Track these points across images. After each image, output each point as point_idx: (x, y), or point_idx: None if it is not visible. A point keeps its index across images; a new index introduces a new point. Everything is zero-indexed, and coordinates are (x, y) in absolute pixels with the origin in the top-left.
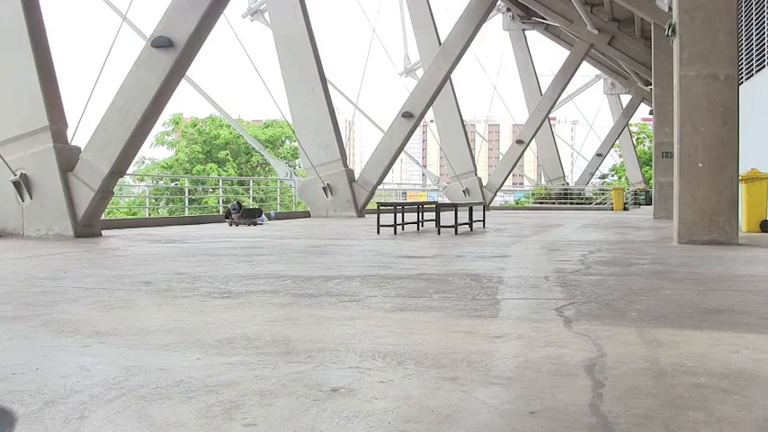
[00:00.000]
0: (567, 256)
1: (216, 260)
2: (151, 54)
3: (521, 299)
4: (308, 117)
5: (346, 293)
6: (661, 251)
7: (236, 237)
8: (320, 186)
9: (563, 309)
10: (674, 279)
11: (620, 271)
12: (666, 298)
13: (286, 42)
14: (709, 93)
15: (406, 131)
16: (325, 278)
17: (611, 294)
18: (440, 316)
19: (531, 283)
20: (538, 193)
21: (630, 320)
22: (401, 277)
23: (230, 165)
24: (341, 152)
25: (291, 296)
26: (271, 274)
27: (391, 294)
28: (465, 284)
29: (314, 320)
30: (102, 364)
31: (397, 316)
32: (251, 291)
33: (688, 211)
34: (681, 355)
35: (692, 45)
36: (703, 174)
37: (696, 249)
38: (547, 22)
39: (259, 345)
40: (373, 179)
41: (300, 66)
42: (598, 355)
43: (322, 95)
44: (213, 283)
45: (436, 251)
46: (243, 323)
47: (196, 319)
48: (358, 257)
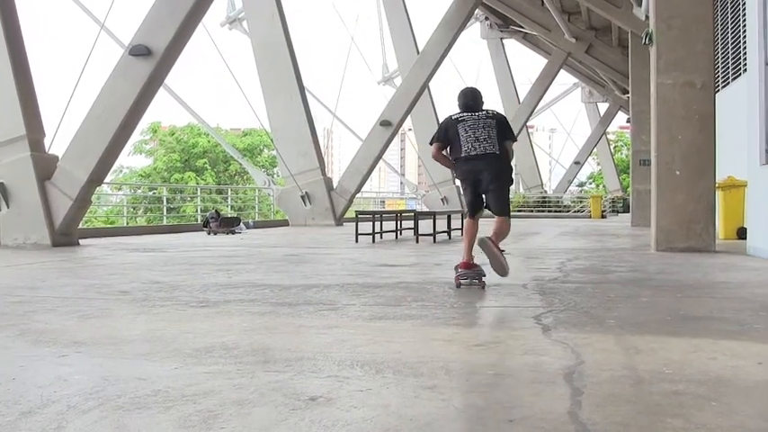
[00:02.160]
0: (545, 263)
1: (194, 269)
2: (129, 62)
3: (499, 307)
4: (286, 125)
5: (325, 302)
6: (639, 258)
7: (214, 245)
8: (299, 195)
9: (541, 316)
10: (652, 286)
11: (598, 278)
12: (644, 305)
13: (264, 51)
14: (685, 101)
15: (385, 140)
16: (304, 287)
17: (589, 302)
18: (418, 324)
19: (510, 290)
20: (516, 201)
21: (609, 328)
22: (379, 286)
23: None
24: (319, 160)
25: (270, 305)
26: (249, 282)
27: (370, 303)
28: (443, 293)
29: (292, 329)
30: (80, 374)
31: (375, 324)
32: (229, 300)
33: (665, 218)
34: (659, 362)
35: (669, 53)
36: (680, 181)
37: (674, 256)
38: (525, 31)
39: (237, 354)
40: (352, 187)
41: (279, 74)
42: (576, 362)
43: (300, 104)
44: (191, 292)
45: (415, 259)
46: (221, 332)
47: (174, 328)
48: (336, 266)
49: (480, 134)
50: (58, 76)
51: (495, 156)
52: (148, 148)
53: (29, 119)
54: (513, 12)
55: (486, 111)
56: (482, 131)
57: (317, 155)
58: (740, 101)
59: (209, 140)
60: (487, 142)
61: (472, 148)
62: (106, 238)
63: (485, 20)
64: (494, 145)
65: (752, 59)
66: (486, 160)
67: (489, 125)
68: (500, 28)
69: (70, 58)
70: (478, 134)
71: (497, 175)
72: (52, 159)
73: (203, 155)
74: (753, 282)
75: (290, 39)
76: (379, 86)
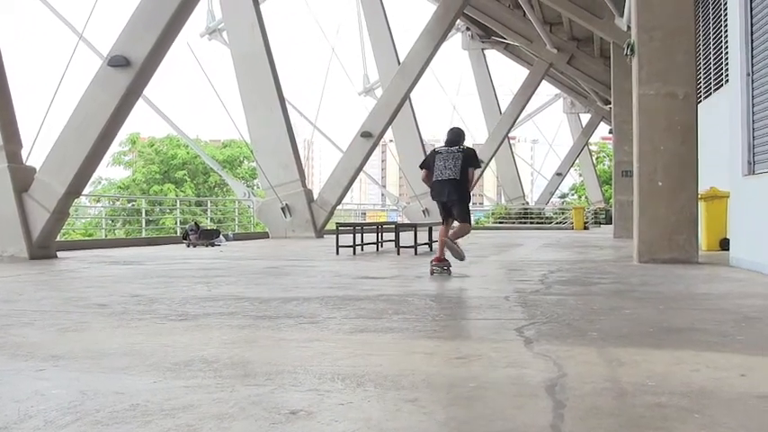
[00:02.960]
0: (527, 275)
1: (173, 282)
2: (108, 73)
3: (481, 319)
4: (266, 137)
5: (305, 315)
6: (621, 270)
7: (193, 258)
8: (279, 207)
9: (523, 329)
10: (635, 298)
11: (580, 290)
12: (627, 317)
13: (244, 61)
14: (668, 111)
15: (366, 151)
16: (284, 300)
17: (571, 314)
18: (399, 337)
19: (492, 303)
20: (498, 212)
21: (591, 340)
22: (360, 298)
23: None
24: (299, 172)
25: (250, 318)
26: (229, 295)
27: (350, 316)
28: (425, 305)
29: (272, 342)
30: (58, 389)
31: (356, 337)
32: (208, 313)
33: (648, 229)
34: (641, 374)
35: (651, 64)
36: (663, 192)
37: (656, 268)
38: (506, 42)
39: (217, 367)
40: (332, 199)
41: (259, 85)
42: (559, 375)
43: (280, 115)
44: (170, 305)
45: (396, 272)
46: (200, 346)
47: (153, 341)
48: (317, 278)
49: (448, 164)
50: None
51: (455, 180)
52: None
53: (6, 130)
54: (495, 22)
55: (459, 147)
56: (450, 162)
57: (297, 166)
58: (722, 112)
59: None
60: (451, 170)
61: (441, 174)
62: (84, 251)
63: (466, 30)
64: (456, 173)
65: (734, 70)
66: (449, 184)
67: (457, 158)
68: (481, 39)
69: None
70: (447, 164)
71: (457, 193)
72: (29, 171)
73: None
74: (735, 293)
75: (269, 49)
76: (360, 97)
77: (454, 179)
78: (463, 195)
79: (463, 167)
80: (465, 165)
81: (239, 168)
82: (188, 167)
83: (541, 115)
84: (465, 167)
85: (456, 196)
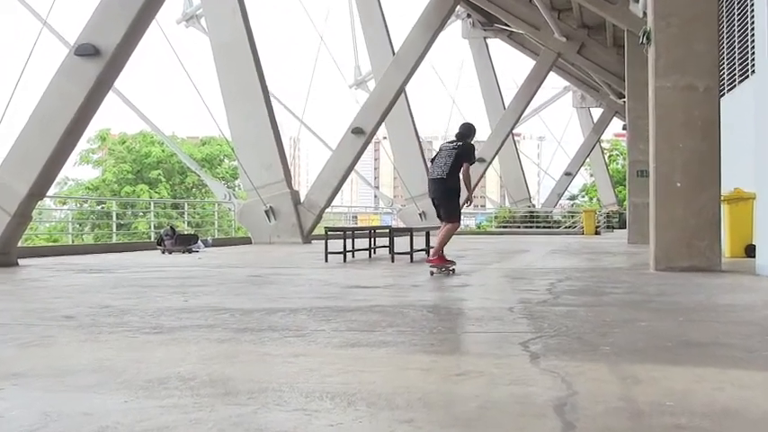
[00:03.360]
0: (533, 285)
1: (146, 292)
2: (75, 63)
3: (482, 332)
4: (248, 133)
5: (291, 328)
6: (636, 279)
7: (169, 266)
8: (262, 210)
9: (529, 343)
10: (651, 309)
11: (591, 301)
12: (643, 330)
13: (224, 51)
14: (687, 105)
15: (357, 149)
16: (268, 311)
17: (582, 327)
18: (394, 352)
19: (494, 314)
20: (501, 215)
21: (603, 355)
22: (351, 309)
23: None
24: (285, 172)
25: (230, 331)
26: (207, 306)
27: (341, 328)
28: (421, 317)
29: (255, 358)
30: (18, 409)
31: (346, 352)
32: (185, 325)
33: (666, 234)
34: (659, 392)
35: (669, 54)
36: (682, 194)
37: (675, 277)
38: (510, 30)
39: (194, 385)
40: (321, 201)
41: (240, 77)
42: (568, 393)
43: (264, 110)
44: (143, 317)
45: (390, 280)
46: (176, 361)
47: (124, 357)
48: (304, 288)
49: (440, 162)
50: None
51: (441, 179)
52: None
53: None
54: (498, 9)
55: (455, 143)
56: (442, 160)
57: (282, 166)
58: (747, 105)
59: (163, 150)
60: (441, 169)
61: (432, 173)
62: (49, 258)
63: (467, 17)
64: (444, 172)
65: (760, 60)
66: (435, 183)
67: (449, 155)
68: (483, 26)
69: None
70: (439, 162)
71: (442, 193)
72: None
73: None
74: (762, 304)
75: (252, 38)
76: (351, 91)
77: (441, 178)
78: (449, 194)
79: (454, 165)
80: (456, 162)
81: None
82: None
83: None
84: (456, 165)
85: (440, 194)
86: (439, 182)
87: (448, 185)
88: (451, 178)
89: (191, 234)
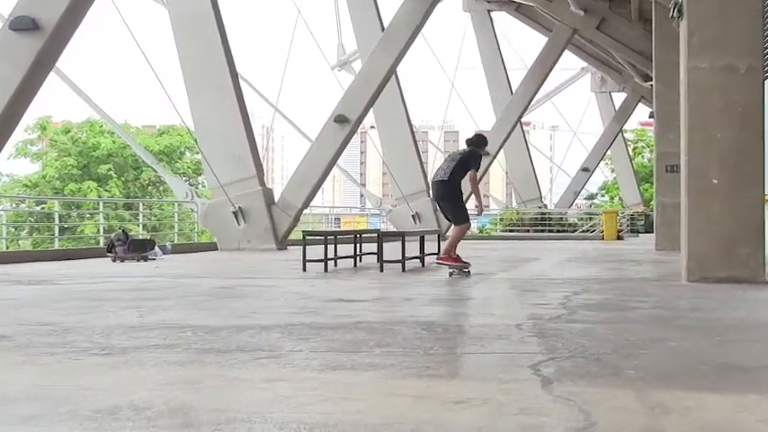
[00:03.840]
0: (545, 298)
1: (94, 306)
2: (10, 39)
3: (486, 353)
4: (214, 122)
5: (263, 348)
6: (665, 292)
7: (121, 276)
8: (230, 211)
9: (540, 365)
10: (683, 327)
11: (613, 317)
12: (673, 351)
13: (186, 25)
14: (725, 89)
15: (340, 140)
16: (237, 328)
17: (601, 347)
18: (383, 376)
19: (500, 332)
20: (507, 218)
21: (627, 380)
22: (333, 327)
23: (114, 183)
24: (257, 167)
25: (193, 352)
26: (166, 323)
27: (321, 349)
28: (415, 335)
29: (221, 383)
30: None
31: (327, 376)
32: (140, 345)
33: (700, 240)
34: (693, 424)
35: (704, 29)
36: (719, 192)
37: (711, 289)
38: (519, 1)
39: (150, 415)
40: (298, 201)
41: (205, 56)
42: (586, 424)
43: (233, 95)
44: (90, 336)
45: (378, 293)
46: (129, 388)
47: (68, 382)
48: (279, 301)
49: (443, 165)
50: None
51: (442, 181)
52: (35, 151)
53: None
54: None
55: (463, 150)
56: (446, 163)
57: (253, 159)
58: None
59: (114, 141)
60: (444, 171)
61: (435, 176)
62: None
63: None
64: (446, 174)
65: None
66: (437, 185)
67: (454, 159)
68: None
69: None
70: (443, 165)
71: (444, 195)
72: None
73: (107, 159)
74: None
75: (218, 10)
76: (334, 73)
77: (442, 180)
78: (452, 195)
79: (456, 168)
80: (460, 166)
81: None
82: (114, 160)
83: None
84: (459, 169)
85: (442, 197)
86: (440, 184)
87: (449, 187)
88: (453, 180)
89: (146, 239)
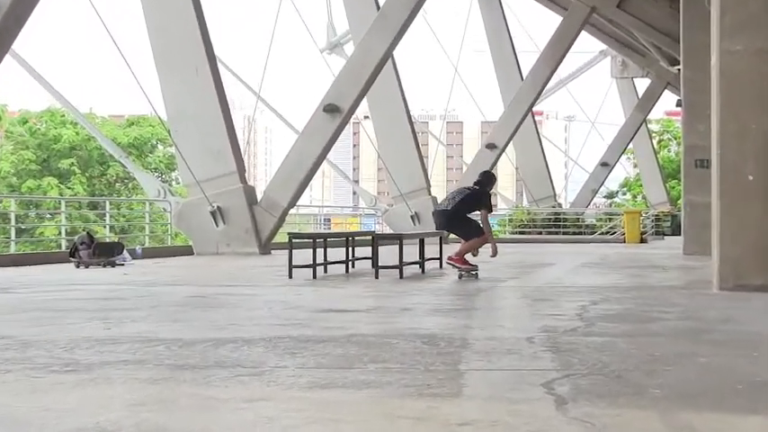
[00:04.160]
0: (559, 308)
1: (57, 318)
2: None
3: (494, 370)
4: (189, 111)
5: (244, 364)
6: (694, 301)
7: (85, 283)
8: (207, 210)
9: (554, 384)
10: (715, 341)
11: (635, 329)
12: (703, 368)
13: (158, 3)
14: (762, 75)
15: (330, 132)
16: (215, 342)
17: (623, 363)
18: (378, 395)
19: (509, 346)
20: (517, 218)
21: (652, 400)
22: (323, 340)
23: (77, 179)
24: (237, 162)
25: (166, 368)
26: (136, 336)
27: (309, 365)
28: (414, 350)
29: (198, 403)
30: None
31: (316, 395)
32: (107, 361)
33: (734, 243)
34: None
35: (738, 8)
36: (755, 190)
37: (746, 298)
38: None
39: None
40: (283, 200)
41: (179, 38)
42: None
43: (210, 81)
44: (52, 350)
45: (373, 302)
46: (95, 408)
47: (27, 403)
48: (262, 312)
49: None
50: None
51: (444, 211)
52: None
53: None
54: None
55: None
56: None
57: (233, 153)
58: None
59: (77, 132)
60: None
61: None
62: None
63: None
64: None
65: None
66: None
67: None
68: None
69: None
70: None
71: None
72: None
73: (70, 153)
74: None
75: None
76: (323, 56)
77: (445, 210)
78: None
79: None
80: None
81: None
82: (77, 154)
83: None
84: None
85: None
86: (442, 213)
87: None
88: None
89: (114, 242)
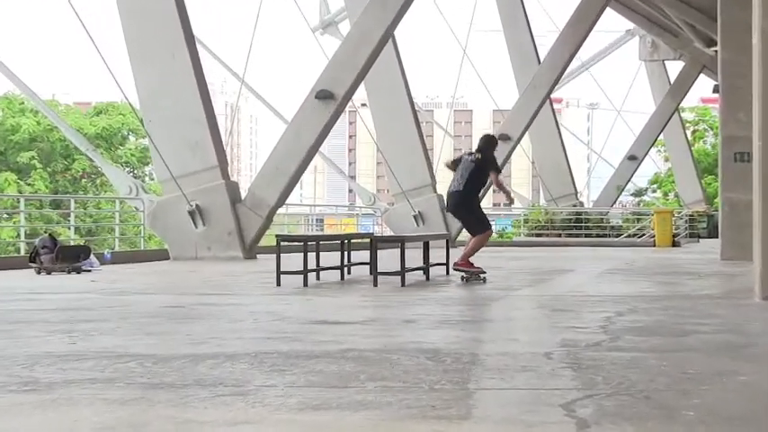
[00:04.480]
0: (581, 319)
1: (14, 330)
2: None
3: (507, 389)
4: (164, 98)
5: (227, 382)
6: (734, 312)
7: (47, 292)
8: (185, 210)
9: (575, 405)
10: (757, 357)
11: (666, 344)
12: (743, 386)
13: None
14: None
15: (324, 122)
16: (193, 358)
17: (652, 382)
18: (377, 417)
19: (525, 363)
20: (534, 219)
21: (685, 424)
22: (315, 356)
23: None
24: (218, 155)
25: (138, 387)
26: (105, 351)
27: (299, 383)
28: (417, 366)
29: (174, 427)
30: None
31: (308, 418)
32: (72, 379)
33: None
34: None
35: None
36: None
37: None
38: None
39: None
40: (270, 198)
41: (153, 17)
42: None
43: (189, 65)
44: (10, 367)
45: (371, 313)
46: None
47: None
48: (246, 324)
49: (457, 175)
50: None
51: (457, 192)
52: None
53: None
54: None
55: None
56: (458, 173)
57: (214, 146)
58: None
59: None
60: (458, 182)
61: (450, 186)
62: None
63: None
64: (460, 184)
65: None
66: (453, 196)
67: (467, 167)
68: None
69: None
70: (456, 175)
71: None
72: None
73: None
74: None
75: None
76: (315, 36)
77: (457, 191)
78: (467, 205)
79: (471, 177)
80: (475, 173)
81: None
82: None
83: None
84: (474, 176)
85: (456, 208)
86: (455, 195)
87: (464, 197)
88: (468, 190)
89: (79, 246)
